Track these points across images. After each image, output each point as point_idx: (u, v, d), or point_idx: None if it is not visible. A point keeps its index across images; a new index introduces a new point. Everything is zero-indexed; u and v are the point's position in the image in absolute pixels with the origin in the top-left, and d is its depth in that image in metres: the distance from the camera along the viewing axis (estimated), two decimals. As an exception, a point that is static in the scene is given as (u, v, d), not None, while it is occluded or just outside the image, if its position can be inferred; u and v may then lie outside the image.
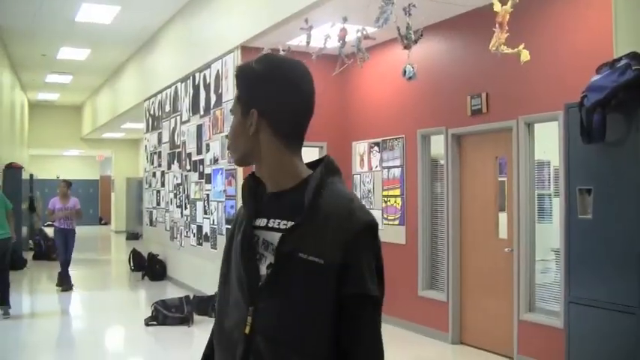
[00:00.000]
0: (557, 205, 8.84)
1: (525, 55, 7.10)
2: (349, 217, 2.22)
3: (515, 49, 7.09)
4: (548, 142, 9.00)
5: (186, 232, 15.63)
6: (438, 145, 10.80)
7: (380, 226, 11.05)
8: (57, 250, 16.55)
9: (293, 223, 2.29)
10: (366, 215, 2.26)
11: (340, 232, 2.20)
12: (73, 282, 16.03)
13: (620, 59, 5.93)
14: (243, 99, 2.42)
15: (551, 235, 9.05)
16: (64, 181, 16.48)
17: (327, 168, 2.36)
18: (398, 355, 9.92)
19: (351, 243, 2.19)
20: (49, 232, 21.68)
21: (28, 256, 21.52)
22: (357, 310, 2.21)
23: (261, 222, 2.40)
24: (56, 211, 15.45)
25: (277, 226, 2.34)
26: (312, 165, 2.44)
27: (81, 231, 28.36)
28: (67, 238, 15.74)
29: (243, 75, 2.44)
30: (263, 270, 2.33)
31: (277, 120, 2.36)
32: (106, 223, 39.83)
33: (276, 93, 2.36)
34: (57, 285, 15.86)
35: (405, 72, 8.46)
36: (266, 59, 2.44)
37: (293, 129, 2.40)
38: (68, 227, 15.70)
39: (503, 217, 9.74)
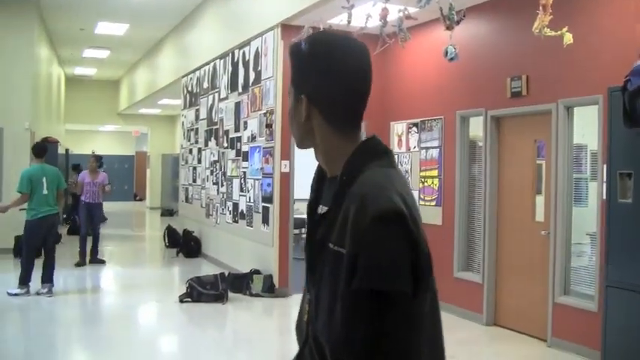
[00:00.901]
0: (593, 189, 8.83)
1: (568, 38, 7.08)
2: (364, 206, 2.01)
3: (559, 32, 7.07)
4: (586, 125, 8.97)
5: (222, 209, 15.70)
6: (476, 127, 10.77)
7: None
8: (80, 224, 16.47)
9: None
10: (385, 201, 2.00)
11: (354, 221, 2.01)
12: (104, 257, 16.26)
13: (665, 44, 5.92)
14: (294, 82, 2.32)
15: (586, 218, 9.02)
16: (94, 156, 16.66)
17: (365, 152, 2.21)
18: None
19: (365, 233, 1.98)
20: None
21: (63, 230, 21.68)
22: (365, 308, 1.97)
23: (320, 209, 2.32)
24: (85, 185, 15.56)
25: (321, 213, 2.28)
26: None
27: (116, 207, 28.87)
28: (91, 212, 15.83)
29: (293, 56, 2.33)
30: None
31: (327, 106, 2.24)
32: (140, 199, 40.01)
33: (324, 77, 2.23)
34: (89, 262, 15.87)
35: (446, 53, 8.44)
36: (315, 39, 2.30)
37: (346, 114, 2.26)
38: (94, 201, 15.84)
39: (540, 200, 9.73)
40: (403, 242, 1.99)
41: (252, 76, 13.77)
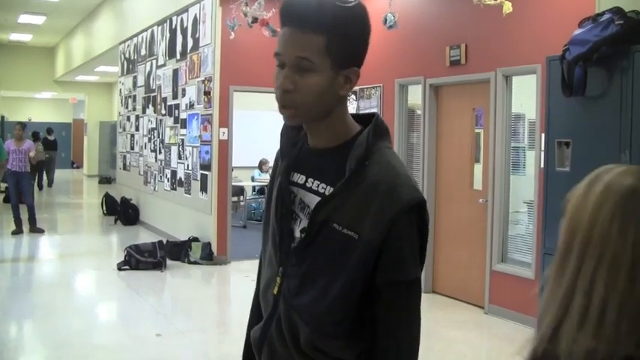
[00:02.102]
0: (530, 158, 8.90)
1: (508, 7, 7.10)
2: (393, 194, 2.02)
3: (498, 1, 7.09)
4: (524, 95, 9.02)
5: (160, 176, 15.59)
6: (415, 95, 10.78)
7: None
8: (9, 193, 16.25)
9: (332, 189, 2.12)
10: (413, 192, 2.04)
11: (382, 210, 2.01)
12: (41, 226, 15.99)
13: (603, 14, 5.95)
14: (339, 52, 2.08)
15: (523, 187, 9.11)
16: (19, 123, 16.41)
17: (376, 131, 2.13)
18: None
19: (393, 224, 2.00)
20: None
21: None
22: (394, 296, 2.07)
23: (299, 178, 2.25)
24: (10, 153, 15.25)
25: (316, 189, 2.18)
26: (360, 120, 2.23)
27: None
28: (18, 180, 15.50)
29: (342, 22, 2.08)
30: (296, 232, 2.20)
31: (358, 76, 2.13)
32: (78, 167, 39.64)
33: (365, 47, 2.15)
34: (29, 231, 15.72)
35: (385, 20, 8.42)
36: (361, 5, 2.12)
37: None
38: (21, 170, 15.46)
39: (478, 168, 9.78)
40: (418, 230, 2.07)
41: (190, 43, 13.64)
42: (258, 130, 17.22)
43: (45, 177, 27.82)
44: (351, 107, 11.88)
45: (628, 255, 1.57)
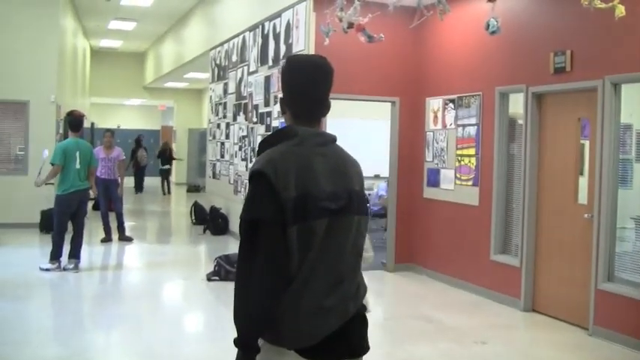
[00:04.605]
0: (638, 171, 8.46)
1: (620, 11, 6.72)
2: None
3: (610, 4, 6.71)
4: (632, 104, 8.59)
5: (251, 186, 15.40)
6: (516, 104, 10.40)
7: (451, 187, 10.86)
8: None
9: None
10: (254, 166, 3.17)
11: None
12: (130, 234, 16.10)
13: None
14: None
15: (630, 202, 8.65)
16: (108, 130, 16.46)
17: (275, 136, 3.34)
18: (467, 320, 9.65)
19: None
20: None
21: (88, 206, 21.54)
22: (243, 228, 3.14)
23: None
24: (100, 161, 15.13)
25: None
26: None
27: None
28: (107, 188, 15.50)
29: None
30: None
31: (289, 105, 3.38)
32: (166, 175, 40.02)
33: (287, 86, 3.38)
34: (118, 239, 15.78)
35: (488, 26, 8.08)
36: (287, 60, 3.42)
37: (301, 112, 3.37)
38: (109, 177, 15.53)
39: (582, 181, 9.36)
40: (262, 190, 3.10)
41: (282, 49, 13.44)
42: (352, 139, 16.95)
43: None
44: (450, 115, 11.57)
45: None
